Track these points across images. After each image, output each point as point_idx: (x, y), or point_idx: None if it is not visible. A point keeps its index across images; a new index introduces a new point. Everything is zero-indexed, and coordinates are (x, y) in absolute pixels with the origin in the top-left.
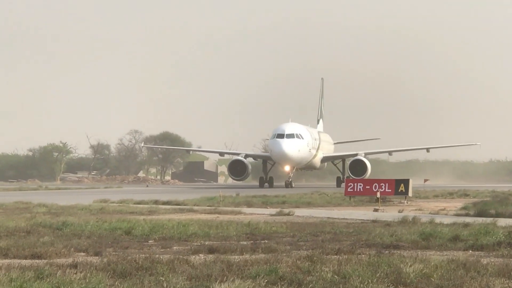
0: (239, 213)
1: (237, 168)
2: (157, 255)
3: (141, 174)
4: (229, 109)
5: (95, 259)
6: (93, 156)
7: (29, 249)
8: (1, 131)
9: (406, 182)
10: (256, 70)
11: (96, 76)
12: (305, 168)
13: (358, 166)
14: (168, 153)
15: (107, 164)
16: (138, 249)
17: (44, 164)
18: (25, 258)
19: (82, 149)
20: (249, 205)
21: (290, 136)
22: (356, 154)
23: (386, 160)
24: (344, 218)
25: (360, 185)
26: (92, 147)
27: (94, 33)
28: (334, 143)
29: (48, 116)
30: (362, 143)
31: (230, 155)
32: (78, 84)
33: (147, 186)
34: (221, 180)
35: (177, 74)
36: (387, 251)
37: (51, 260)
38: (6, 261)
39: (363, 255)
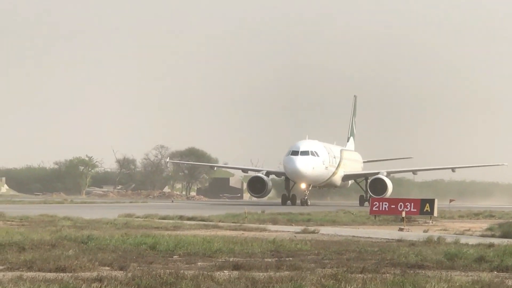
0: (264, 230)
1: (256, 185)
2: (181, 271)
3: (166, 189)
4: (256, 126)
5: (119, 274)
6: (118, 171)
7: (54, 262)
8: (27, 144)
9: (431, 202)
10: (286, 87)
11: (123, 90)
12: (324, 186)
13: (378, 185)
14: (194, 169)
15: (132, 178)
16: (162, 264)
17: (70, 177)
18: (50, 271)
19: (108, 163)
20: (274, 222)
21: (305, 153)
22: (378, 173)
23: (412, 180)
24: (369, 237)
25: (386, 204)
26: (118, 161)
27: (121, 47)
28: (365, 162)
29: (75, 129)
30: (395, 161)
31: (254, 172)
32: (104, 97)
33: (172, 201)
34: (246, 196)
35: (205, 90)
36: (412, 271)
37: (76, 274)
38: (31, 274)
39: (388, 274)
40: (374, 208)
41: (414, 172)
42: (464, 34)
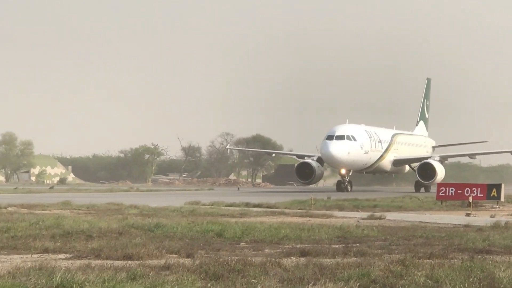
0: (331, 216)
1: (305, 171)
2: (249, 258)
3: (232, 176)
4: (321, 112)
5: (187, 261)
6: (184, 158)
7: (121, 250)
8: (93, 132)
9: (498, 187)
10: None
11: (188, 78)
12: (372, 171)
13: (428, 170)
14: (259, 156)
15: (198, 166)
16: (230, 251)
17: (135, 165)
18: (118, 259)
19: (173, 151)
20: (341, 208)
21: (340, 137)
22: (429, 157)
23: (478, 165)
24: (436, 222)
25: (452, 190)
26: (183, 149)
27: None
28: (437, 146)
29: (140, 117)
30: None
31: (309, 158)
32: (169, 86)
33: (238, 188)
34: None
35: (270, 78)
36: (479, 256)
37: (143, 262)
38: (99, 261)
39: (455, 260)
40: (440, 194)
41: (472, 156)
42: None
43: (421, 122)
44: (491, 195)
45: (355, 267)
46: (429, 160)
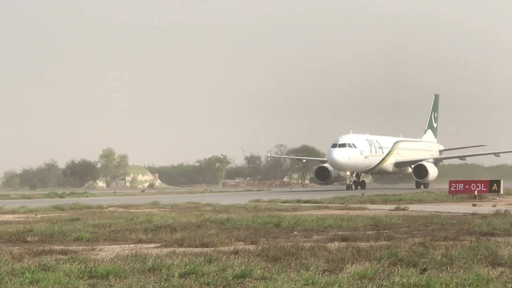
0: (365, 208)
1: (322, 174)
2: (300, 243)
3: (285, 179)
4: (346, 123)
5: (252, 247)
6: (247, 165)
7: (199, 239)
8: (174, 146)
9: (498, 182)
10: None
11: (249, 98)
12: (376, 172)
13: (422, 170)
14: (307, 162)
15: (258, 171)
16: (285, 239)
17: (209, 172)
18: (196, 247)
19: (238, 160)
20: (372, 202)
21: (342, 145)
22: (423, 160)
23: (481, 165)
24: (449, 212)
25: (461, 185)
26: (246, 158)
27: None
28: (445, 150)
29: (211, 133)
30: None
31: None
32: (233, 104)
33: (291, 188)
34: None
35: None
36: (484, 238)
37: (217, 248)
38: (182, 249)
39: (465, 241)
40: (452, 189)
41: (463, 158)
42: None
43: (429, 131)
44: (493, 189)
45: (385, 249)
46: (423, 162)
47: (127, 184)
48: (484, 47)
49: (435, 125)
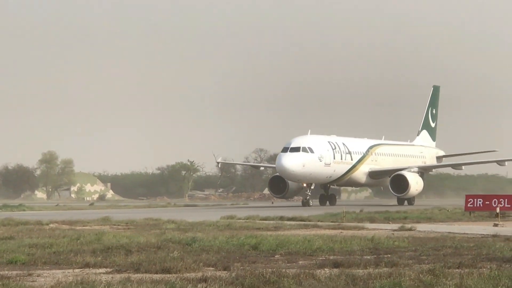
0: (362, 228)
1: (279, 185)
2: (283, 270)
3: (266, 191)
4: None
5: (224, 274)
6: (219, 174)
7: (159, 264)
8: (130, 150)
9: None
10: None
11: (222, 96)
12: (344, 184)
13: (401, 182)
14: None
15: (233, 181)
16: (265, 264)
17: (173, 182)
18: (156, 272)
19: (208, 168)
20: (372, 220)
21: (295, 149)
22: (404, 168)
23: (504, 176)
24: (464, 233)
25: (480, 201)
26: (218, 164)
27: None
28: (444, 156)
29: (176, 135)
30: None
31: None
32: (202, 103)
33: (272, 203)
34: (344, 196)
35: (299, 92)
36: (507, 265)
37: (181, 275)
38: (138, 275)
39: (484, 269)
40: (469, 205)
41: (457, 167)
42: None
43: (424, 132)
44: None
45: (386, 277)
46: (402, 172)
47: (73, 195)
48: (496, 24)
49: (432, 124)
